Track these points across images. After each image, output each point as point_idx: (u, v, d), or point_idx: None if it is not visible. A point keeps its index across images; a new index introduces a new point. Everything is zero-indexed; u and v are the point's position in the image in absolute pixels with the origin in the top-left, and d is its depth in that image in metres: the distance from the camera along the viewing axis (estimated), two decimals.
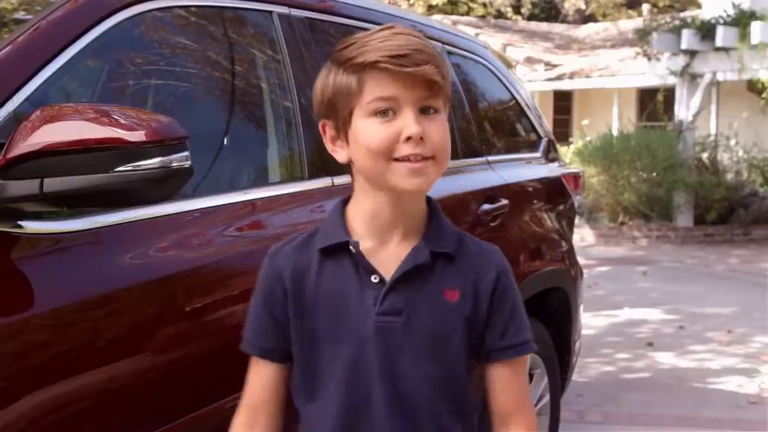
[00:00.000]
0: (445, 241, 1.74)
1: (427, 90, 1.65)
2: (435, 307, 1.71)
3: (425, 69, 1.62)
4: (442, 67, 1.67)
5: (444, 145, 1.69)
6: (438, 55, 1.66)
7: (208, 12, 2.83)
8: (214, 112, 2.86)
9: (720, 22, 14.68)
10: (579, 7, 28.12)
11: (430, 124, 1.66)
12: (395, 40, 1.63)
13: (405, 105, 1.63)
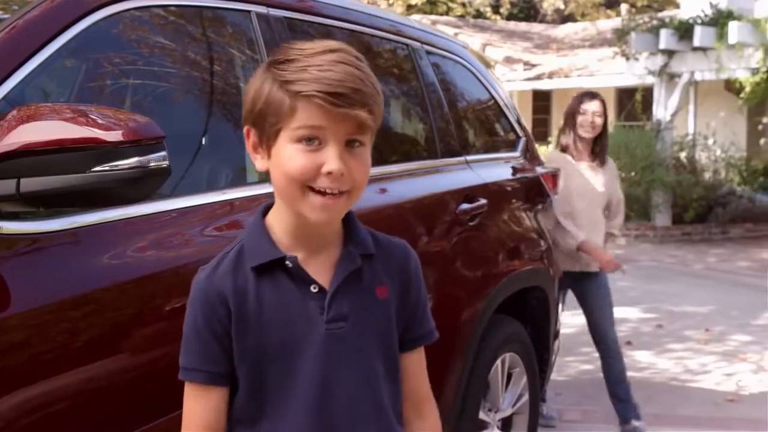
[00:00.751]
0: (366, 243, 1.78)
1: (355, 128, 1.63)
2: (373, 307, 1.75)
3: (358, 112, 1.61)
4: (376, 105, 1.66)
5: (363, 180, 1.68)
6: (374, 93, 1.65)
7: (186, 11, 2.83)
8: (192, 112, 2.85)
9: (698, 22, 14.75)
10: (558, 6, 28.19)
11: (352, 159, 1.64)
12: (334, 71, 1.60)
13: (331, 138, 1.62)
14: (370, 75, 1.67)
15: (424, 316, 1.85)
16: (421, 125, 4.09)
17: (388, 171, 3.59)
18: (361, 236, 1.78)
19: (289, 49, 1.66)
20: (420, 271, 1.85)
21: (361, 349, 1.73)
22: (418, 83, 4.02)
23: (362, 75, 1.64)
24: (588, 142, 5.39)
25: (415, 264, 1.85)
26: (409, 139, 4.15)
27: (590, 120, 5.30)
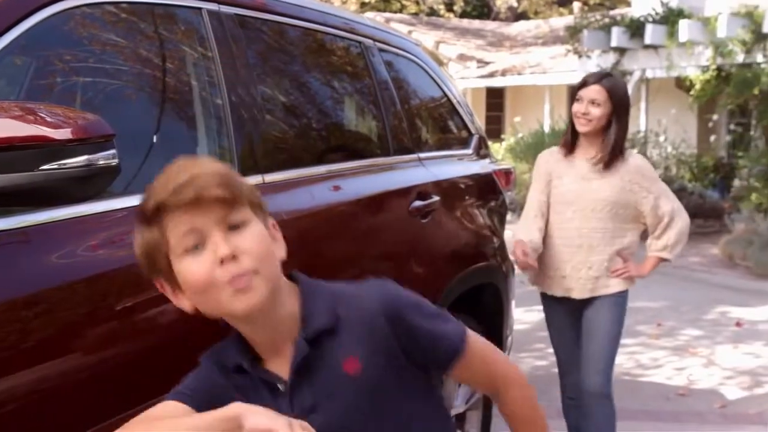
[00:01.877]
0: (318, 320, 1.69)
1: (223, 209, 1.60)
2: (344, 386, 1.67)
3: (209, 192, 1.58)
4: (229, 180, 1.62)
5: (263, 254, 1.63)
6: (222, 173, 1.63)
7: (137, 8, 2.81)
8: (143, 110, 2.83)
9: (649, 20, 14.90)
10: (511, 4, 28.32)
11: (240, 238, 1.60)
12: (173, 174, 1.60)
13: (209, 231, 1.59)
14: (213, 163, 1.67)
15: (437, 343, 1.75)
16: (374, 123, 4.09)
17: (340, 168, 3.59)
18: (314, 314, 1.69)
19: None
20: (403, 314, 1.71)
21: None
22: (371, 81, 4.02)
23: (202, 164, 1.64)
24: (591, 138, 4.30)
25: (388, 313, 1.69)
26: (362, 136, 4.16)
27: (583, 109, 4.23)
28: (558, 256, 4.35)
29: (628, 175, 4.26)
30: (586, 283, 4.31)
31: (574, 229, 4.29)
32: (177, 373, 2.50)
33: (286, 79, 3.56)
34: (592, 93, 4.21)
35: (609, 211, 4.24)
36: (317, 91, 3.78)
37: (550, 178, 4.39)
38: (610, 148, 4.24)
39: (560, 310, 4.48)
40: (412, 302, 1.76)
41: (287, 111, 3.48)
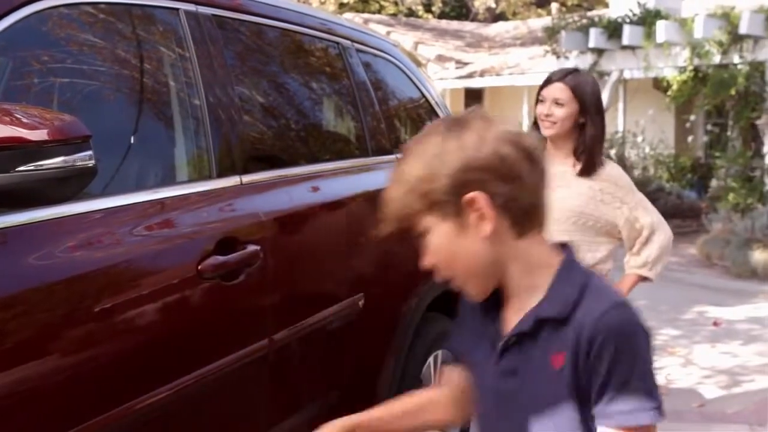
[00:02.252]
0: (555, 305, 1.66)
1: (405, 230, 1.75)
2: (542, 374, 1.66)
3: (386, 226, 1.75)
4: (396, 209, 1.72)
5: (446, 259, 1.71)
6: (394, 201, 1.73)
7: (115, 9, 2.80)
8: (120, 111, 2.82)
9: (626, 21, 14.96)
10: (489, 5, 28.37)
11: (429, 248, 1.73)
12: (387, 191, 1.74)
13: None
14: (394, 188, 1.71)
15: (608, 392, 1.60)
16: (353, 123, 4.09)
17: (319, 169, 3.59)
18: (555, 299, 1.67)
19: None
20: (607, 343, 1.59)
21: (520, 410, 1.69)
22: (349, 82, 4.02)
23: (391, 186, 1.72)
24: (558, 142, 3.82)
25: (598, 334, 1.59)
26: (341, 137, 4.16)
27: (546, 110, 3.76)
28: None
29: (598, 184, 3.78)
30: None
31: None
32: (157, 373, 2.51)
33: (264, 80, 3.56)
34: (555, 92, 3.75)
35: (575, 223, 3.73)
36: (295, 91, 3.78)
37: None
38: (587, 155, 3.77)
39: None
40: (635, 348, 1.62)
41: (265, 112, 3.47)
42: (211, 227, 2.80)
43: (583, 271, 1.71)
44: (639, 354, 1.62)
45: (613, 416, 1.60)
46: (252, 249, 2.86)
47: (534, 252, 1.70)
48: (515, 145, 1.62)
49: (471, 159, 1.60)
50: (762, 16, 13.22)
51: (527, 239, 1.68)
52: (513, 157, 1.61)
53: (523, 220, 1.66)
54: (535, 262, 1.70)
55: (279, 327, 3.03)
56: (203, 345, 2.71)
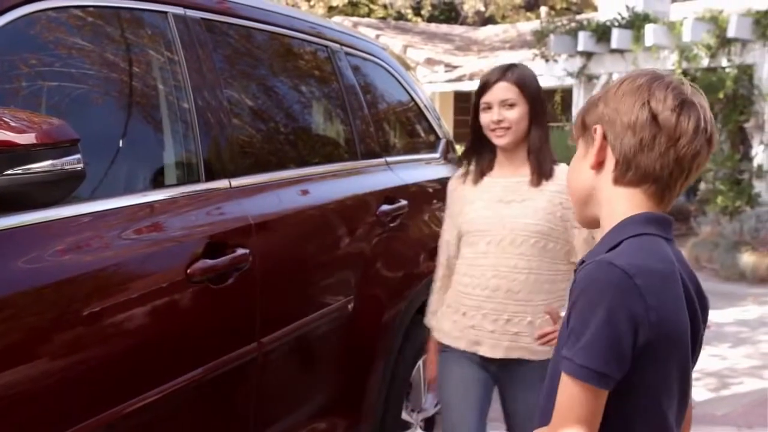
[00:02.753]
0: (591, 253, 1.80)
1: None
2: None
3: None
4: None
5: (569, 182, 1.91)
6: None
7: (103, 12, 2.79)
8: (109, 114, 2.82)
9: (615, 25, 14.98)
10: (478, 9, 28.39)
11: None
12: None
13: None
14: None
15: (567, 339, 1.67)
16: (342, 127, 4.10)
17: (309, 172, 3.59)
18: (596, 248, 1.80)
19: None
20: (579, 296, 1.67)
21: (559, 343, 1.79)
22: (338, 85, 4.03)
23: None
24: (509, 152, 3.29)
25: (576, 284, 1.69)
26: (330, 140, 4.16)
27: (496, 116, 3.22)
28: (466, 299, 3.28)
29: (559, 196, 3.21)
30: (501, 339, 3.22)
31: (489, 266, 3.22)
32: (146, 376, 2.50)
33: (253, 83, 3.56)
34: (500, 93, 3.23)
35: (534, 245, 3.18)
36: (284, 95, 3.78)
37: (461, 207, 3.38)
38: (538, 159, 3.26)
39: (465, 364, 3.32)
40: (589, 303, 1.65)
41: (254, 115, 3.47)
42: (200, 230, 2.80)
43: (633, 232, 1.74)
44: (590, 311, 1.63)
45: (561, 360, 1.67)
46: (241, 252, 2.86)
47: (619, 202, 1.79)
48: (653, 107, 1.74)
49: (613, 102, 1.78)
50: (750, 20, 13.25)
51: (621, 187, 1.78)
52: (640, 115, 1.74)
53: (624, 168, 1.76)
54: (614, 212, 1.79)
55: (268, 330, 3.03)
56: (192, 348, 2.70)
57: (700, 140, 1.73)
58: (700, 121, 1.73)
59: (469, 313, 3.26)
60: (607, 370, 1.61)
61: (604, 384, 1.62)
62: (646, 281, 1.63)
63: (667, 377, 1.71)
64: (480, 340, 3.24)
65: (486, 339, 3.22)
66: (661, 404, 1.71)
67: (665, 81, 1.75)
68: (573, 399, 1.64)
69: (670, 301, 1.68)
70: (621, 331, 1.61)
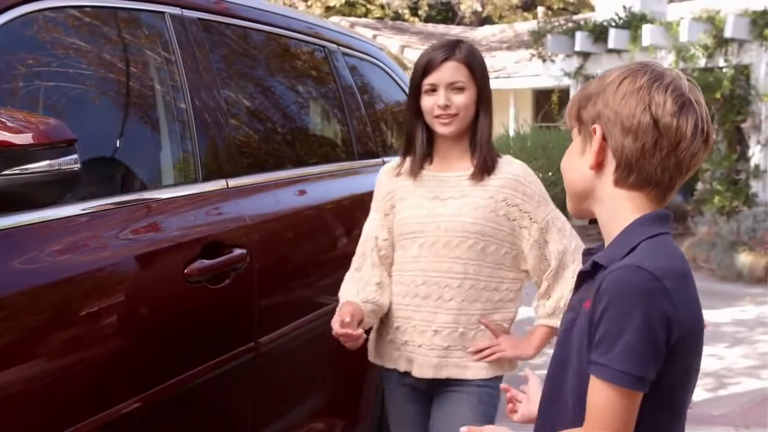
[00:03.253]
0: (606, 255, 1.79)
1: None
2: (582, 313, 1.75)
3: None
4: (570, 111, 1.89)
5: (564, 168, 1.90)
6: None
7: (100, 12, 2.79)
8: (106, 114, 2.82)
9: (612, 25, 14.99)
10: (475, 9, 28.40)
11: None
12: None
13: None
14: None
15: (600, 343, 1.65)
16: (339, 127, 4.10)
17: (306, 172, 3.59)
18: (611, 248, 1.78)
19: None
20: (611, 298, 1.64)
21: (571, 348, 1.79)
22: (336, 85, 4.03)
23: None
24: (451, 142, 2.89)
25: (605, 288, 1.65)
26: (327, 141, 4.16)
27: (443, 100, 2.81)
28: (398, 310, 2.92)
29: (502, 192, 2.86)
30: (429, 355, 2.85)
31: (420, 272, 2.86)
32: (143, 376, 2.50)
33: (250, 84, 3.56)
34: (449, 74, 2.82)
35: (472, 247, 2.81)
36: (281, 95, 3.78)
37: (392, 203, 2.98)
38: (485, 152, 2.88)
39: (401, 393, 3.01)
40: (622, 309, 1.64)
41: (251, 115, 3.47)
42: (197, 231, 2.80)
43: (648, 233, 1.75)
44: (625, 316, 1.63)
45: (590, 365, 1.67)
46: (238, 252, 2.86)
47: (621, 203, 1.79)
48: (653, 112, 1.73)
49: (613, 103, 1.77)
50: (747, 20, 13.27)
51: (622, 190, 1.78)
52: (642, 120, 1.73)
53: (625, 171, 1.77)
54: (618, 213, 1.80)
55: (265, 330, 3.03)
56: (190, 348, 2.70)
57: (698, 141, 1.75)
58: (698, 122, 1.74)
59: (402, 326, 2.90)
60: (645, 373, 1.63)
61: (643, 387, 1.64)
62: (672, 283, 1.66)
63: (689, 373, 1.75)
64: (413, 357, 2.89)
65: (416, 356, 2.88)
66: (683, 399, 1.77)
67: (665, 82, 1.74)
68: (611, 404, 1.65)
69: (691, 298, 1.72)
70: (657, 333, 1.63)
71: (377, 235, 2.98)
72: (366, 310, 2.87)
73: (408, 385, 2.96)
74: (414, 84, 2.88)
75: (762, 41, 13.16)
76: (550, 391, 1.85)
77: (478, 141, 2.87)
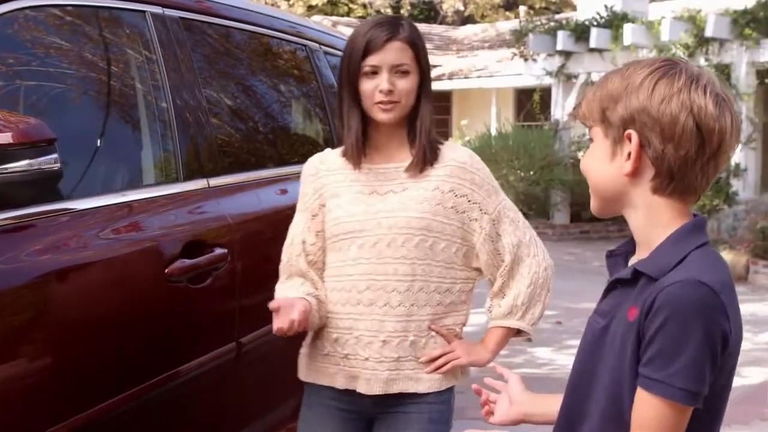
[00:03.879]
0: (653, 264, 1.70)
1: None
2: (621, 322, 1.70)
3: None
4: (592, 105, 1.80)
5: (587, 171, 1.82)
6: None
7: (81, 11, 2.78)
8: (87, 114, 2.81)
9: (593, 24, 15.04)
10: (458, 8, 28.44)
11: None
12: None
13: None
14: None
15: (652, 356, 1.61)
16: (320, 126, 4.10)
17: (287, 172, 3.58)
18: (657, 256, 1.71)
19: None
20: (664, 309, 1.60)
21: (600, 353, 1.75)
22: (318, 84, 4.02)
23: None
24: (390, 130, 2.59)
25: (659, 299, 1.61)
26: (309, 140, 4.15)
27: (386, 85, 2.50)
28: (336, 319, 2.59)
29: (448, 182, 2.59)
30: (378, 369, 2.54)
31: (362, 276, 2.54)
32: (125, 376, 2.50)
33: (232, 83, 3.55)
34: (392, 55, 2.52)
35: (419, 245, 2.53)
36: (263, 94, 3.78)
37: (321, 202, 2.65)
38: (426, 140, 2.59)
39: (333, 416, 2.65)
40: (682, 326, 1.60)
41: (233, 114, 3.47)
42: (178, 230, 2.79)
43: (695, 243, 1.72)
44: (685, 333, 1.59)
45: (642, 379, 1.63)
46: (219, 252, 2.86)
47: (660, 211, 1.73)
48: (696, 117, 1.65)
49: (650, 107, 1.67)
50: (727, 19, 13.34)
51: (661, 198, 1.72)
52: (685, 127, 1.65)
53: (665, 180, 1.70)
54: (657, 220, 1.74)
55: (247, 330, 3.02)
56: (171, 348, 2.70)
57: (734, 140, 1.71)
58: (733, 120, 1.69)
59: (341, 338, 2.57)
60: (703, 389, 1.61)
61: (699, 402, 1.62)
62: (727, 297, 1.63)
63: (730, 380, 1.73)
64: (357, 373, 2.56)
65: (362, 371, 2.55)
66: (724, 406, 1.76)
67: (702, 82, 1.67)
68: (666, 419, 1.63)
69: (738, 310, 1.69)
70: (716, 349, 1.61)
71: (304, 238, 2.64)
72: (312, 304, 2.54)
73: (344, 408, 2.62)
74: (352, 65, 2.54)
75: (742, 41, 13.24)
76: (570, 403, 1.81)
77: (419, 129, 2.58)
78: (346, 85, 2.56)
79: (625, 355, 1.67)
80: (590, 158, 1.80)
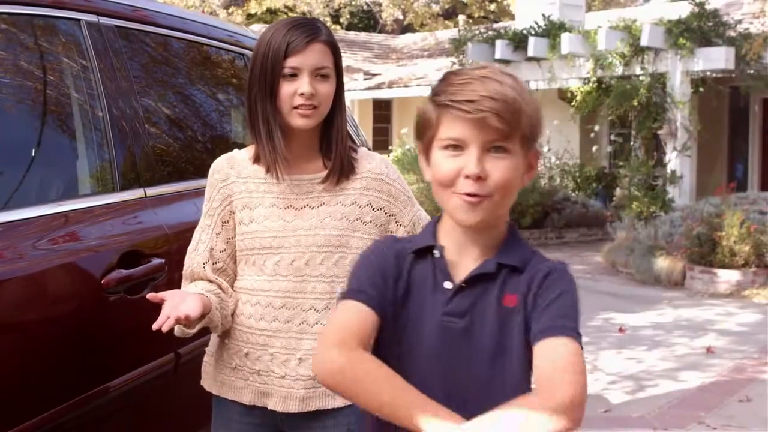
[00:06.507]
0: (513, 256, 1.85)
1: (493, 134, 1.75)
2: (494, 313, 1.82)
3: (488, 117, 1.73)
4: (513, 113, 1.75)
5: (504, 185, 1.79)
6: (510, 102, 1.75)
7: (15, 19, 2.75)
8: (22, 123, 2.78)
9: (532, 34, 15.19)
10: (397, 17, 28.53)
11: (494, 165, 1.77)
12: (474, 85, 1.76)
13: (471, 144, 1.76)
14: (517, 88, 1.79)
15: (551, 313, 1.79)
16: None
17: None
18: (511, 250, 1.86)
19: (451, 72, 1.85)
20: (560, 279, 1.84)
21: (466, 350, 1.82)
22: None
23: (502, 87, 1.77)
24: (305, 138, 2.48)
25: (553, 271, 1.83)
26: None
27: (307, 88, 2.39)
28: (248, 334, 2.49)
29: (365, 195, 2.52)
30: (294, 387, 2.46)
31: (279, 293, 2.45)
32: (60, 388, 2.47)
33: (170, 92, 3.53)
34: (314, 57, 2.42)
35: (337, 263, 2.46)
36: (202, 103, 3.76)
37: (231, 210, 2.52)
38: (342, 151, 2.50)
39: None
40: (575, 291, 1.86)
41: (171, 123, 3.45)
42: (115, 240, 2.77)
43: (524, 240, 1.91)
44: (576, 297, 1.85)
45: (565, 329, 1.79)
46: (157, 262, 2.84)
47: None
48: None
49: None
50: (662, 29, 13.54)
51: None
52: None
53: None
54: (503, 222, 1.90)
55: (185, 340, 2.99)
56: (108, 359, 2.67)
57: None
58: None
59: (253, 353, 2.48)
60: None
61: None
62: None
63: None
64: (269, 390, 2.47)
65: (277, 388, 2.46)
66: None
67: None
68: (581, 357, 1.83)
69: None
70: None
71: (212, 246, 2.49)
72: (213, 302, 2.41)
73: (254, 422, 2.52)
74: (270, 67, 2.40)
75: (677, 50, 13.44)
76: (488, 388, 1.84)
77: (335, 138, 2.48)
78: (262, 88, 2.42)
79: (510, 334, 1.81)
80: (506, 175, 1.84)
